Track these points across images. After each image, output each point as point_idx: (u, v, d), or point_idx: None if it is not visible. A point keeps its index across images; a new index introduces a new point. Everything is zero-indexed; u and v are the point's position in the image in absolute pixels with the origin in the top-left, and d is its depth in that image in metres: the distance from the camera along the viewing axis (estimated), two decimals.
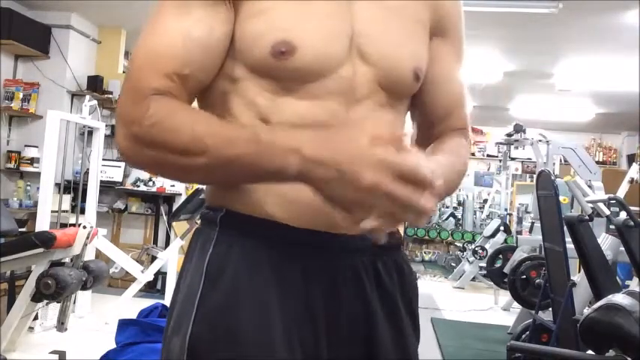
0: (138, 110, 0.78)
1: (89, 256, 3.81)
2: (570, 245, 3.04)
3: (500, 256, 6.08)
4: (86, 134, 4.62)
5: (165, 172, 0.84)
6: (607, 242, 3.48)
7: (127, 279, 4.94)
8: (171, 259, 4.81)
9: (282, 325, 0.82)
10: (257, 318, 0.81)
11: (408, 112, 1.01)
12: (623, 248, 2.85)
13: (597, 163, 7.80)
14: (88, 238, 3.33)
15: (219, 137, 0.76)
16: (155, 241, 5.92)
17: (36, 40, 5.51)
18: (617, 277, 3.67)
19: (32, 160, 5.47)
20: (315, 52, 0.82)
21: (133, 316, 3.17)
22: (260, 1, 0.83)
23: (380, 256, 0.91)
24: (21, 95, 5.51)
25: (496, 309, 6.09)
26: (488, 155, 10.37)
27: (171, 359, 0.84)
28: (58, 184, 4.49)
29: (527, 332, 3.70)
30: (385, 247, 0.90)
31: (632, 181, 4.14)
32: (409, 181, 0.70)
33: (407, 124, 1.02)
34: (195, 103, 0.90)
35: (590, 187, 4.09)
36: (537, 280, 4.18)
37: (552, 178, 3.37)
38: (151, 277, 4.64)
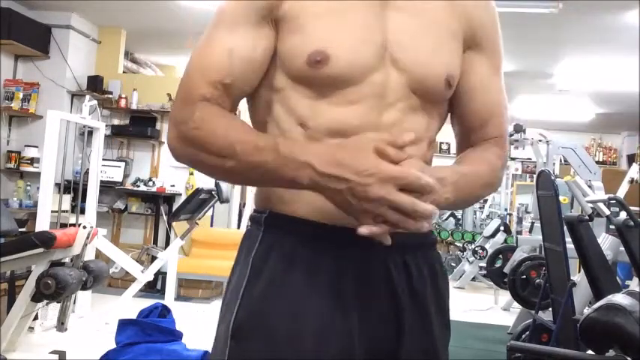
0: (186, 113, 0.90)
1: (89, 256, 3.81)
2: (570, 245, 3.04)
3: (500, 256, 6.08)
4: (86, 134, 4.62)
5: (203, 168, 0.94)
6: (607, 242, 3.48)
7: (127, 279, 4.94)
8: (171, 259, 4.81)
9: (315, 317, 0.89)
10: (292, 310, 0.89)
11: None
12: (623, 248, 2.85)
13: (597, 163, 7.79)
14: (88, 238, 3.33)
15: (247, 145, 0.86)
16: (155, 241, 5.92)
17: (36, 40, 5.51)
18: (617, 277, 3.67)
19: (32, 160, 5.47)
20: (347, 60, 0.90)
21: (133, 316, 3.17)
22: (298, 18, 0.92)
23: (411, 253, 0.97)
24: (21, 95, 5.51)
25: (496, 309, 6.09)
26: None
27: (219, 345, 0.93)
28: (58, 184, 4.49)
29: (527, 332, 3.70)
30: (416, 245, 0.97)
31: (632, 181, 4.14)
32: (411, 190, 0.78)
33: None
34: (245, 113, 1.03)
35: (590, 187, 4.09)
36: (537, 280, 4.17)
37: (552, 178, 3.37)
38: (151, 277, 4.63)
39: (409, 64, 0.93)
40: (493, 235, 6.95)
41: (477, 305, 6.10)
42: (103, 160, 4.92)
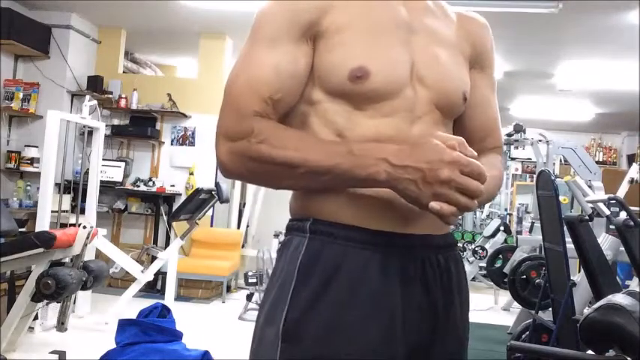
0: (244, 129, 0.94)
1: (89, 256, 3.81)
2: (570, 245, 3.03)
3: (500, 256, 6.07)
4: (86, 134, 4.62)
5: (264, 180, 1.02)
6: (607, 242, 3.48)
7: (127, 279, 4.95)
8: (171, 259, 4.81)
9: (364, 318, 0.94)
10: (344, 309, 0.94)
11: None
12: (623, 248, 2.85)
13: (597, 163, 7.79)
14: (88, 238, 3.33)
15: (318, 151, 0.93)
16: (155, 241, 5.92)
17: (36, 40, 5.51)
18: (617, 277, 3.67)
19: (32, 160, 5.47)
20: (385, 76, 0.98)
21: (133, 316, 3.17)
22: (336, 37, 0.98)
23: (441, 252, 1.05)
24: (21, 95, 5.51)
25: (496, 309, 6.10)
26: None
27: (265, 348, 0.96)
28: (58, 184, 4.49)
29: (527, 332, 3.70)
30: (445, 245, 1.06)
31: (632, 181, 4.13)
32: (473, 175, 0.87)
33: None
34: None
35: (590, 187, 4.09)
36: (537, 280, 4.17)
37: (552, 178, 3.37)
38: (151, 277, 4.64)
39: (433, 82, 1.02)
40: (493, 235, 6.94)
41: (477, 305, 6.10)
42: (103, 160, 4.92)
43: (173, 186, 6.01)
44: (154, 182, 5.94)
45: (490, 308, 6.10)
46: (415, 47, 1.02)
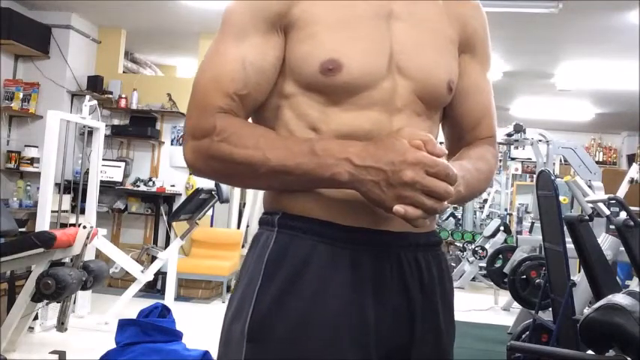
0: (206, 126, 0.91)
1: (89, 256, 3.81)
2: (570, 245, 3.03)
3: (500, 256, 6.07)
4: (86, 134, 4.62)
5: (228, 179, 0.98)
6: (607, 242, 3.48)
7: (127, 279, 4.95)
8: (171, 259, 4.81)
9: (334, 314, 0.91)
10: (311, 307, 0.90)
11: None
12: (623, 248, 2.85)
13: (597, 163, 7.79)
14: (88, 238, 3.33)
15: (280, 150, 0.89)
16: (155, 241, 5.92)
17: (36, 40, 5.51)
18: (617, 277, 3.67)
19: (32, 160, 5.47)
20: (359, 69, 0.92)
21: (133, 316, 3.17)
22: (308, 27, 0.93)
23: (421, 251, 1.00)
24: (21, 95, 5.51)
25: (496, 309, 6.09)
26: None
27: (231, 344, 0.93)
28: (58, 184, 4.49)
29: (527, 332, 3.70)
30: (425, 244, 1.01)
31: (632, 181, 4.13)
32: (440, 178, 0.82)
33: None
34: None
35: (590, 187, 4.09)
36: (537, 280, 4.17)
37: (552, 178, 3.37)
38: (151, 277, 4.64)
39: (414, 72, 0.97)
40: (493, 235, 6.95)
41: (477, 305, 6.09)
42: (103, 160, 4.92)
43: (173, 186, 6.01)
44: (154, 182, 5.94)
45: (490, 308, 6.10)
46: (395, 34, 0.97)
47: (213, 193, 4.78)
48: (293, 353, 0.89)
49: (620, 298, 1.64)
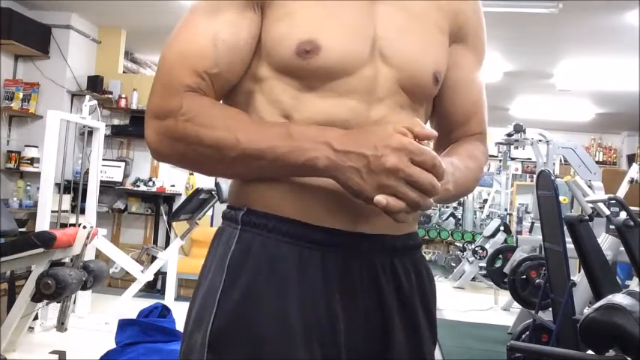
0: (171, 105, 0.83)
1: (89, 256, 3.81)
2: (570, 245, 3.04)
3: (500, 256, 6.08)
4: (86, 134, 4.62)
5: (195, 165, 0.89)
6: (607, 242, 3.48)
7: (127, 279, 4.95)
8: (171, 259, 4.81)
9: (301, 321, 0.84)
10: (276, 314, 0.83)
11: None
12: (623, 248, 2.85)
13: (597, 163, 7.79)
14: (88, 238, 3.33)
15: (252, 132, 0.82)
16: (155, 241, 5.92)
17: (36, 40, 5.51)
18: (617, 277, 3.67)
19: (32, 160, 5.47)
20: (339, 52, 0.85)
21: (133, 316, 3.17)
22: (286, 5, 0.86)
23: (398, 256, 0.93)
24: (21, 95, 5.51)
25: (496, 309, 6.09)
26: (488, 155, 10.35)
27: (193, 354, 0.86)
28: (58, 184, 4.49)
29: (527, 332, 3.70)
30: (403, 248, 0.94)
31: (632, 181, 4.13)
32: (425, 165, 0.75)
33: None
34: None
35: (590, 187, 4.09)
36: (537, 280, 4.17)
37: (552, 178, 3.37)
38: (150, 277, 4.63)
39: (398, 61, 0.90)
40: (493, 235, 6.95)
41: (477, 305, 6.09)
42: (103, 160, 4.92)
43: (173, 186, 6.00)
44: (154, 182, 5.94)
45: (490, 308, 6.10)
46: (380, 19, 0.89)
47: (213, 192, 4.78)
48: None
49: (620, 298, 1.64)
